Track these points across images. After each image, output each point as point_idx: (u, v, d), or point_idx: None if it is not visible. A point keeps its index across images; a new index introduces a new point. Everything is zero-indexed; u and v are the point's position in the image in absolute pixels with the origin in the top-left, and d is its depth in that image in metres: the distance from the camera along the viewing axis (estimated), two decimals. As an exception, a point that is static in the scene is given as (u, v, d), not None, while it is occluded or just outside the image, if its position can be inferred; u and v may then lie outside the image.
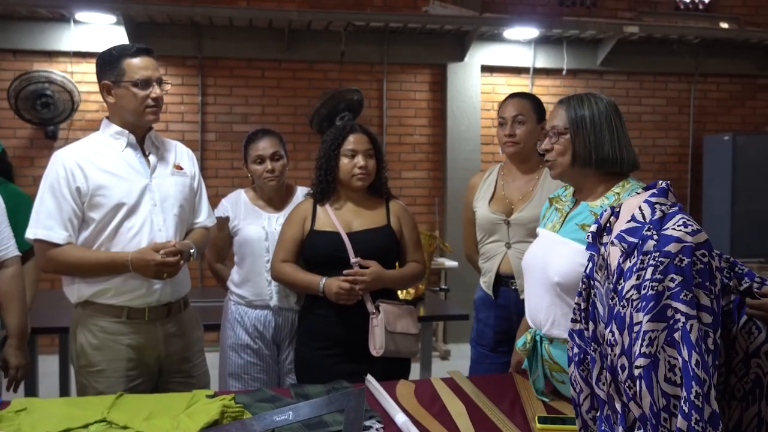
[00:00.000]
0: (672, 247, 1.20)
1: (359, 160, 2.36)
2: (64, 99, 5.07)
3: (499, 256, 2.52)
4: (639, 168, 1.84)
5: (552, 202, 1.99)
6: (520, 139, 2.49)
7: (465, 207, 2.72)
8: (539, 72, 6.02)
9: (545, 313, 1.85)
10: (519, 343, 1.94)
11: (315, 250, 2.38)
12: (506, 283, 2.51)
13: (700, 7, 6.35)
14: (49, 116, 5.06)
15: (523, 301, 2.42)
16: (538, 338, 1.89)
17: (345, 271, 2.29)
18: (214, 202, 2.48)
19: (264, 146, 2.64)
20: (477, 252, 2.66)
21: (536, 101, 2.57)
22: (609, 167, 1.78)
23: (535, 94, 2.65)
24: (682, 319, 1.16)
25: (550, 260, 1.82)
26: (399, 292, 2.63)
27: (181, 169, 2.27)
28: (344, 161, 2.38)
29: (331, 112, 5.35)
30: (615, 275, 1.30)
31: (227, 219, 2.70)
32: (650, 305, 1.18)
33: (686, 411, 1.12)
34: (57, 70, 5.16)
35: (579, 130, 1.78)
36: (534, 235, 2.41)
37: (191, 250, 2.18)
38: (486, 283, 2.58)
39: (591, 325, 1.38)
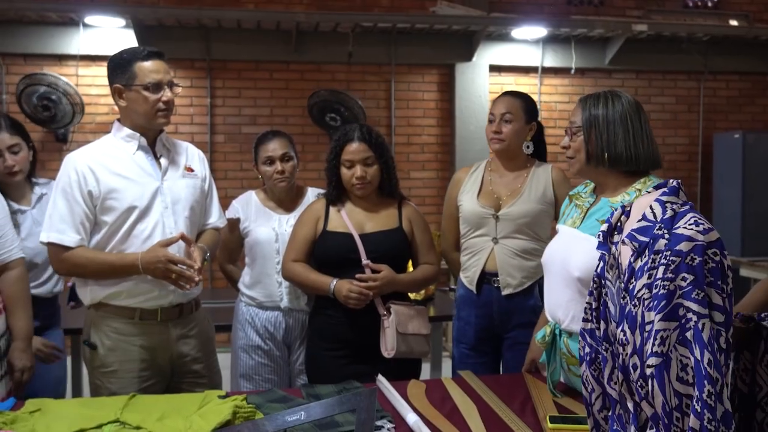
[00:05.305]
0: (683, 246, 1.20)
1: (357, 170, 2.36)
2: (67, 104, 5.09)
3: (485, 252, 2.50)
4: (661, 166, 1.82)
5: (572, 198, 1.99)
6: (505, 136, 2.50)
7: (447, 201, 2.68)
8: (547, 71, 6.00)
9: (565, 308, 1.85)
10: (538, 336, 1.96)
11: (327, 251, 2.39)
12: (489, 281, 2.49)
13: (709, 4, 6.31)
14: (48, 118, 5.09)
15: (504, 298, 2.45)
16: (557, 332, 1.90)
17: (357, 276, 2.29)
18: (223, 204, 2.49)
19: (274, 147, 2.65)
20: (455, 249, 2.64)
21: (528, 101, 2.57)
22: (623, 166, 1.78)
23: (528, 94, 2.63)
24: (694, 318, 1.16)
25: (571, 256, 1.81)
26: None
27: (192, 171, 2.28)
28: (344, 171, 2.39)
29: (324, 105, 5.37)
30: (626, 274, 1.30)
31: (238, 220, 2.71)
32: (662, 304, 1.18)
33: (699, 410, 1.12)
34: (62, 75, 5.18)
35: (592, 129, 1.78)
36: (521, 232, 2.45)
37: (206, 254, 2.19)
38: (468, 278, 2.54)
39: (602, 325, 1.38)
